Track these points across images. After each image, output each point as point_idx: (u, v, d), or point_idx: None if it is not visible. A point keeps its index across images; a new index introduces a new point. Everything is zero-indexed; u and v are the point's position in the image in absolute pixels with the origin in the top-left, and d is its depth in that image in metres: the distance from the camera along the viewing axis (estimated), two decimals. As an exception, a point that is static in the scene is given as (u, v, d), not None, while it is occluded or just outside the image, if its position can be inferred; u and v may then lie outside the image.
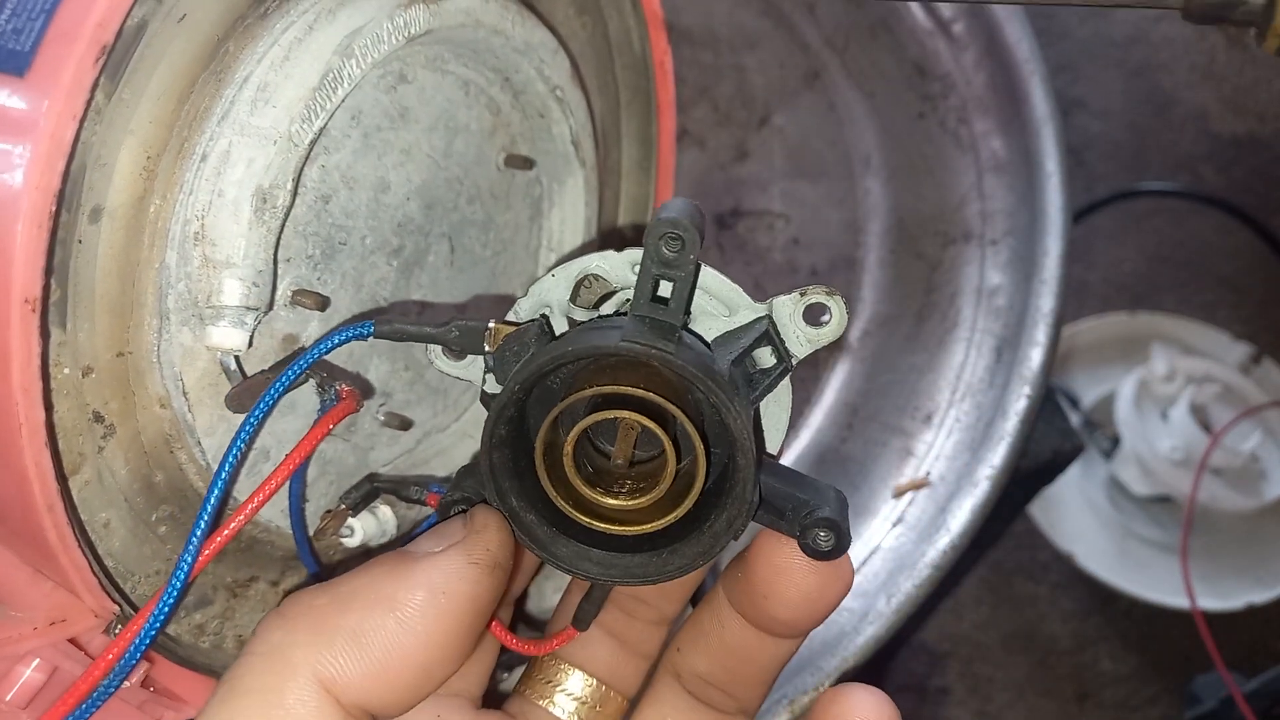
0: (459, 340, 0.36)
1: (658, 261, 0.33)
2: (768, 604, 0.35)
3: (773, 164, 0.93)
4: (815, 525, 0.33)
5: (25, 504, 0.32)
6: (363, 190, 0.43)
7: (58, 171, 0.30)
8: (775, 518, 0.34)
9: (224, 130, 0.36)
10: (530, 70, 0.48)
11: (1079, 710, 1.31)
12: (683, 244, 0.32)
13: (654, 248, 0.33)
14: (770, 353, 0.35)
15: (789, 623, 0.36)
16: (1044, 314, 0.85)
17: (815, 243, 0.95)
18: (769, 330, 0.35)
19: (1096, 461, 1.35)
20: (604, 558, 0.35)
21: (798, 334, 0.35)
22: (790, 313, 0.35)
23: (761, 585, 0.35)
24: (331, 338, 0.37)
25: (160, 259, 0.36)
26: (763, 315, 0.35)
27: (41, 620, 0.36)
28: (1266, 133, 1.47)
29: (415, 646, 0.31)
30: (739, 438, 0.32)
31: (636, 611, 0.40)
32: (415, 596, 0.31)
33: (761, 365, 0.35)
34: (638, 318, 0.33)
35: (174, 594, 0.34)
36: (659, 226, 0.32)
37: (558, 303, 0.36)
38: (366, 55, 0.38)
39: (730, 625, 0.37)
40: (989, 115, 0.90)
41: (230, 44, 0.36)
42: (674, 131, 0.58)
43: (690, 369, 0.31)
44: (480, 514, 0.34)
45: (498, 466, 0.34)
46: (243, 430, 0.36)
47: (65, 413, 0.34)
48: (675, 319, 0.33)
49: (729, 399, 0.31)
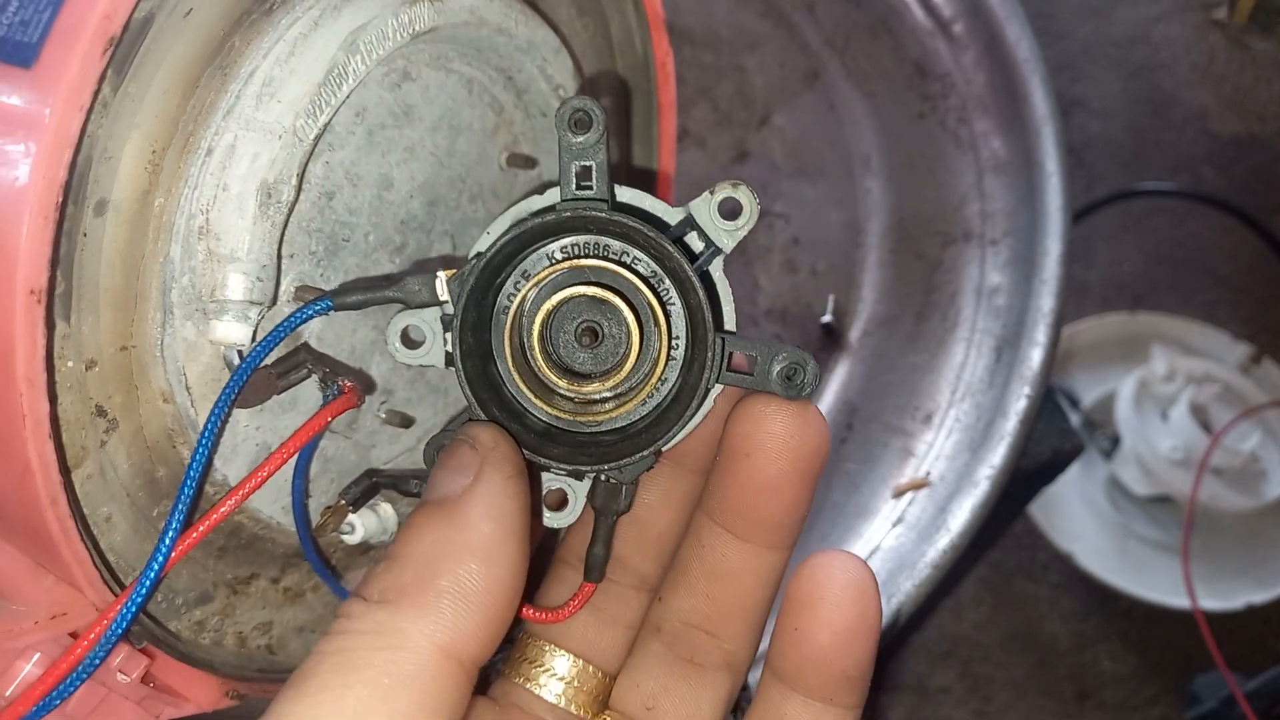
0: (414, 293, 0.36)
1: (570, 145, 0.34)
2: (750, 465, 0.35)
3: (773, 164, 0.94)
4: (782, 365, 0.35)
5: (28, 497, 0.32)
6: (366, 187, 0.43)
7: (64, 164, 0.30)
8: (745, 376, 0.36)
9: (229, 125, 0.36)
10: (533, 69, 0.48)
11: (1079, 710, 1.31)
12: (590, 122, 0.34)
13: (564, 133, 0.34)
14: (698, 237, 0.37)
15: (774, 486, 0.36)
16: (1044, 314, 0.85)
17: (815, 242, 0.95)
18: (688, 220, 0.36)
19: (1096, 461, 1.35)
20: (596, 452, 0.36)
21: (718, 230, 0.37)
22: (707, 212, 0.37)
23: (742, 445, 0.35)
24: (291, 319, 0.37)
25: (165, 253, 0.36)
26: (684, 216, 0.37)
27: (43, 614, 0.36)
28: (1266, 133, 1.47)
29: (504, 577, 0.31)
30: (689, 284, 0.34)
31: (614, 574, 0.39)
32: (484, 530, 0.31)
33: (694, 248, 0.37)
34: (567, 200, 0.35)
35: (153, 572, 0.34)
36: (564, 109, 0.34)
37: None
38: (371, 51, 0.38)
39: (711, 545, 0.37)
40: (989, 115, 0.90)
41: (236, 39, 0.36)
42: (675, 132, 0.59)
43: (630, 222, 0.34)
44: (481, 431, 0.34)
45: (473, 376, 0.35)
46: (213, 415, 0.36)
47: (69, 406, 0.34)
48: (602, 195, 0.35)
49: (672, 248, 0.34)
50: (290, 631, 0.47)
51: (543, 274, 0.34)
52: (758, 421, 0.35)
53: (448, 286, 0.35)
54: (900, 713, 1.29)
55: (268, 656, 0.46)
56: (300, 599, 0.47)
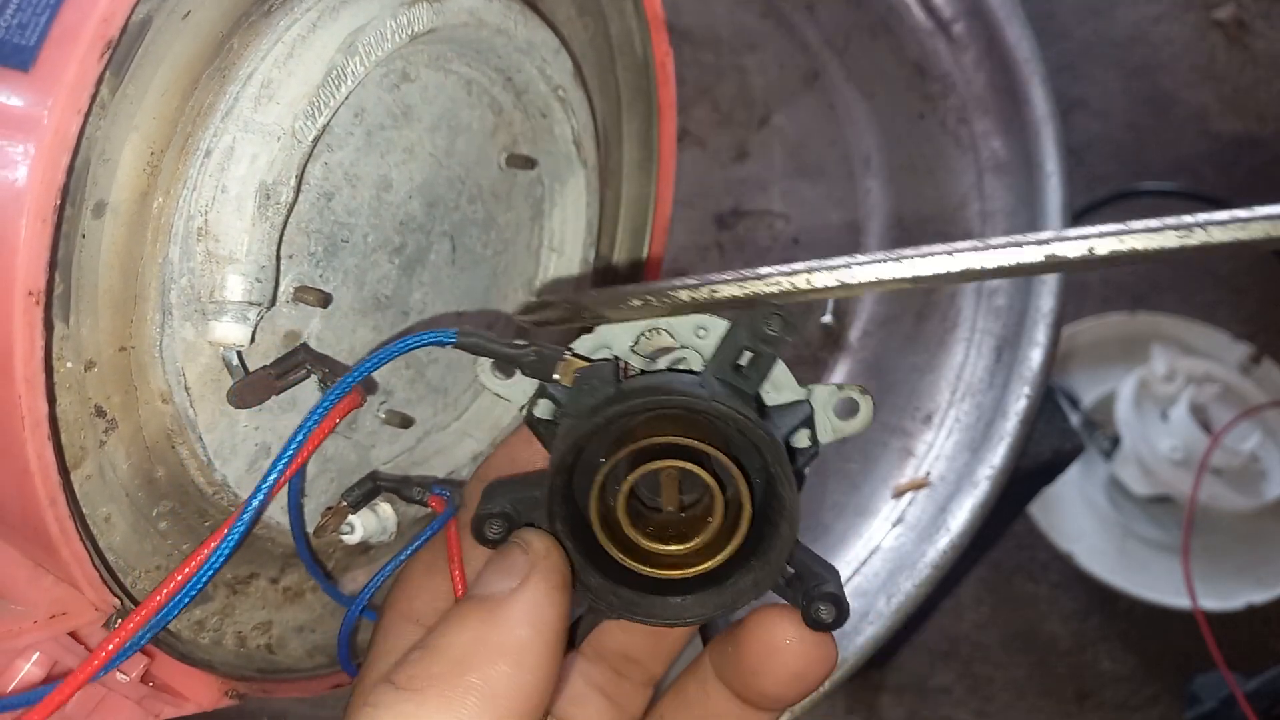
0: (533, 364, 0.37)
1: (752, 334, 0.36)
2: (757, 680, 0.36)
3: (773, 164, 0.94)
4: (820, 599, 0.35)
5: (27, 497, 0.32)
6: (365, 188, 0.43)
7: (62, 166, 0.30)
8: (784, 585, 0.36)
9: (228, 126, 0.36)
10: (532, 70, 0.48)
11: (1079, 710, 1.31)
12: (784, 326, 0.35)
13: (756, 321, 0.35)
14: (807, 436, 0.37)
15: (775, 698, 0.37)
16: (1044, 314, 0.85)
17: (815, 243, 0.95)
18: (810, 415, 0.37)
19: (1096, 461, 1.35)
20: (629, 595, 0.36)
21: (826, 423, 0.37)
22: (824, 402, 0.37)
23: (753, 662, 0.36)
24: (415, 339, 0.37)
25: (163, 254, 0.36)
26: (805, 399, 0.37)
27: (42, 614, 0.36)
28: (1266, 133, 1.47)
29: (534, 683, 0.32)
30: (789, 508, 0.34)
31: (626, 671, 0.41)
32: (522, 635, 0.32)
33: (798, 445, 0.37)
34: (719, 380, 0.36)
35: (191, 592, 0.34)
36: (768, 304, 0.35)
37: (622, 349, 0.38)
38: (370, 53, 0.38)
39: (714, 696, 0.38)
40: (989, 115, 0.90)
41: (234, 40, 0.36)
42: (675, 132, 0.59)
43: (768, 438, 0.34)
44: (536, 540, 0.35)
45: (557, 491, 0.35)
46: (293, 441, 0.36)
47: (67, 406, 0.34)
48: (751, 389, 0.36)
49: (788, 471, 0.34)
50: (290, 631, 0.47)
51: (664, 439, 0.34)
52: (773, 650, 0.36)
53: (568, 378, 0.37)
54: (900, 713, 1.29)
55: (267, 656, 0.46)
56: (300, 598, 0.48)
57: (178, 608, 0.34)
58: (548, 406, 0.38)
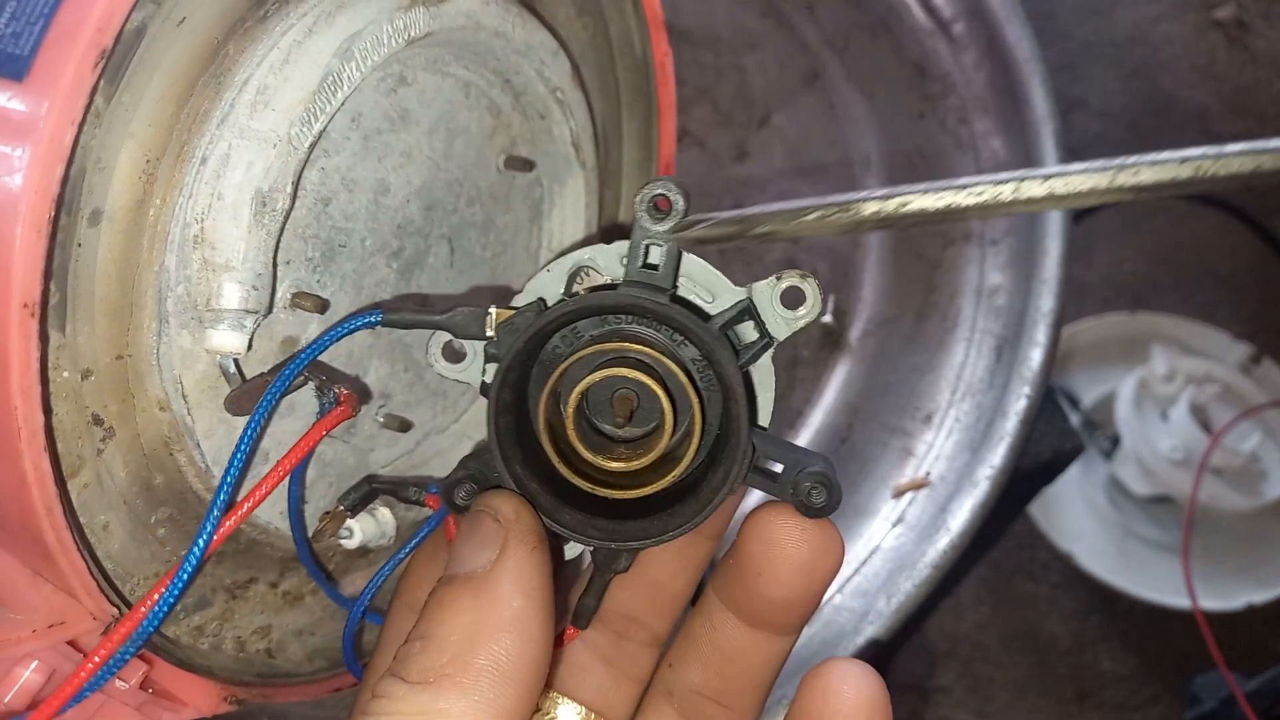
0: (462, 324, 0.37)
1: (645, 227, 0.35)
2: (761, 583, 0.35)
3: (773, 164, 0.93)
4: (807, 480, 0.34)
5: (24, 507, 0.32)
6: (362, 193, 0.43)
7: (57, 176, 0.29)
8: (768, 480, 0.35)
9: (223, 133, 0.36)
10: (531, 72, 0.48)
11: (1079, 710, 1.31)
12: (670, 207, 0.35)
13: (643, 214, 0.35)
14: (753, 327, 0.36)
15: (783, 602, 0.36)
16: (1044, 314, 0.85)
17: (815, 243, 0.95)
18: (748, 307, 0.36)
19: (1096, 461, 1.35)
20: (606, 525, 0.36)
21: (776, 317, 0.36)
22: (768, 297, 0.36)
23: (754, 563, 0.35)
24: (342, 326, 0.37)
25: (160, 262, 0.36)
26: (743, 297, 0.36)
27: (41, 622, 0.36)
28: (1266, 133, 1.46)
29: (536, 650, 0.32)
30: (732, 386, 0.34)
31: (628, 632, 0.40)
32: (515, 605, 0.32)
33: (745, 340, 0.36)
34: (630, 281, 0.35)
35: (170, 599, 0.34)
36: (647, 190, 0.35)
37: (553, 296, 0.38)
38: (366, 58, 0.38)
39: (723, 627, 0.37)
40: (989, 115, 0.90)
41: (230, 47, 0.36)
42: (674, 132, 0.58)
43: (684, 318, 0.34)
44: (504, 502, 0.34)
45: (503, 432, 0.35)
46: (248, 429, 0.36)
47: (64, 415, 0.34)
48: (665, 283, 0.35)
49: (720, 348, 0.34)
50: (289, 635, 0.47)
51: (589, 350, 0.34)
52: (772, 544, 0.35)
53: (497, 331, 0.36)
54: (900, 713, 1.29)
55: (266, 660, 0.46)
56: (299, 602, 0.47)
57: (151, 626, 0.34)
58: (495, 370, 0.37)
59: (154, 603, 0.34)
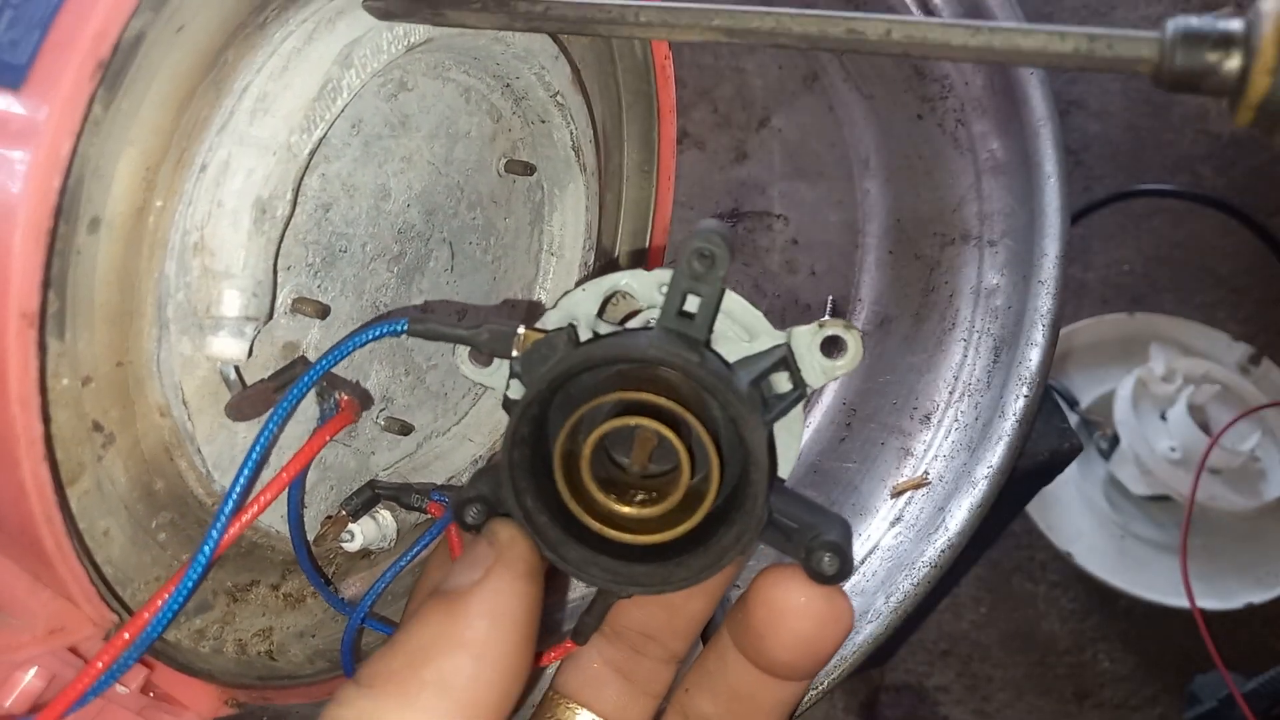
0: (489, 343, 0.36)
1: (688, 276, 0.34)
2: (766, 645, 0.35)
3: (772, 165, 0.93)
4: (820, 548, 0.34)
5: (24, 515, 0.32)
6: (363, 198, 0.43)
7: (55, 185, 0.29)
8: (782, 539, 0.35)
9: (223, 140, 0.36)
10: (531, 76, 0.48)
11: (1078, 710, 1.31)
12: (714, 260, 0.33)
13: (686, 261, 0.34)
14: (787, 378, 0.35)
15: (788, 665, 0.36)
16: (1042, 314, 0.85)
17: (814, 243, 0.95)
18: (787, 357, 0.35)
19: (1095, 461, 1.35)
20: (612, 565, 0.35)
21: (814, 364, 0.35)
22: (808, 343, 0.35)
23: (759, 626, 0.35)
24: (364, 334, 0.37)
25: (159, 269, 0.36)
26: (781, 343, 0.36)
27: (40, 628, 0.36)
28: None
29: (494, 676, 0.31)
30: (754, 451, 0.33)
31: (645, 649, 0.40)
32: (480, 629, 0.31)
33: (777, 390, 0.35)
34: (664, 329, 0.34)
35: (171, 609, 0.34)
36: (693, 241, 0.33)
37: (585, 316, 0.37)
38: (366, 65, 0.38)
39: (734, 667, 0.37)
40: (987, 116, 0.90)
41: (229, 54, 0.36)
42: (675, 135, 0.58)
43: (712, 379, 0.32)
44: (501, 529, 0.34)
45: (517, 464, 0.34)
46: (260, 439, 0.36)
47: (64, 422, 0.34)
48: (700, 333, 0.34)
49: (748, 412, 0.32)
50: (291, 637, 0.47)
51: (613, 396, 0.33)
52: (778, 614, 0.34)
53: (524, 352, 0.36)
54: (899, 712, 1.30)
55: (268, 663, 0.46)
56: (300, 604, 0.48)
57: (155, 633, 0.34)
58: (520, 387, 0.37)
59: (157, 609, 0.34)
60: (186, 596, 0.35)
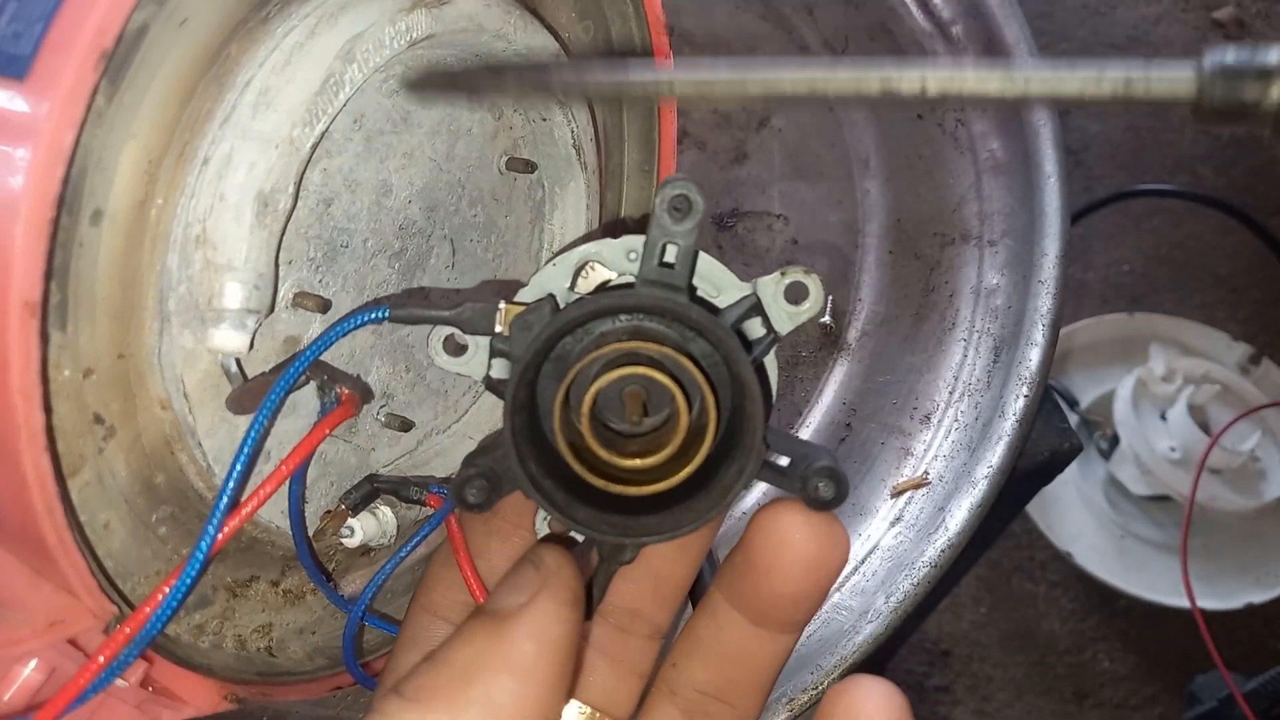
0: (471, 320, 0.37)
1: (664, 227, 0.35)
2: (770, 579, 0.36)
3: (772, 165, 0.94)
4: (815, 475, 0.35)
5: (24, 507, 0.32)
6: (365, 193, 0.43)
7: (58, 176, 0.30)
8: (776, 475, 0.36)
9: (226, 134, 0.36)
10: (531, 73, 0.48)
11: (1078, 709, 1.31)
12: (689, 207, 0.34)
13: (661, 213, 0.35)
14: (760, 323, 0.37)
15: (793, 598, 0.36)
16: (1042, 314, 0.85)
17: (814, 243, 0.95)
18: (756, 304, 0.37)
19: (1095, 461, 1.35)
20: (621, 520, 0.36)
21: (780, 311, 0.37)
22: (772, 292, 0.37)
23: (763, 560, 0.36)
24: (347, 322, 0.37)
25: (161, 262, 0.36)
26: (750, 293, 0.37)
27: (41, 621, 0.36)
28: (1265, 133, 1.47)
29: (538, 698, 0.32)
30: (748, 385, 0.34)
31: (630, 626, 0.40)
32: (526, 651, 0.32)
33: (753, 335, 0.37)
34: (647, 280, 0.35)
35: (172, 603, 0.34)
36: (667, 189, 0.34)
37: (559, 290, 0.38)
38: (368, 59, 0.38)
39: (728, 627, 0.38)
40: (987, 116, 0.90)
41: (232, 47, 0.36)
42: (675, 134, 0.59)
43: (702, 319, 0.34)
44: (548, 554, 0.35)
45: (519, 430, 0.35)
46: (252, 430, 0.36)
47: (65, 414, 0.34)
48: (682, 281, 0.35)
49: (735, 344, 0.34)
50: (290, 633, 0.47)
51: (605, 350, 0.35)
52: (780, 543, 0.36)
53: (508, 327, 0.36)
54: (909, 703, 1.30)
55: (267, 659, 0.46)
56: (300, 601, 0.48)
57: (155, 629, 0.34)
58: (502, 364, 0.37)
59: (158, 604, 0.34)
60: (187, 590, 0.35)
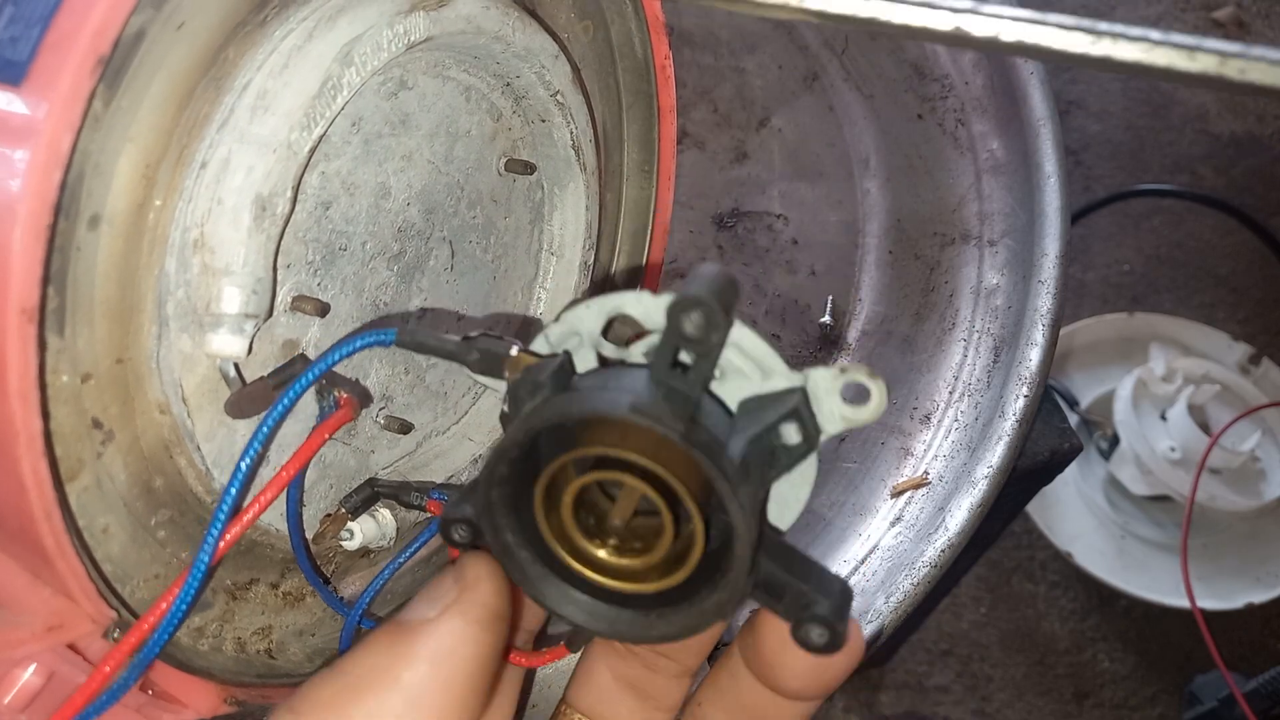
0: (479, 363, 0.35)
1: (678, 336, 0.30)
2: (775, 674, 0.35)
3: (772, 165, 0.93)
4: (809, 621, 0.32)
5: (23, 512, 0.32)
6: (363, 196, 0.43)
7: (55, 181, 0.29)
8: (774, 599, 0.33)
9: (223, 138, 0.36)
10: (531, 75, 0.48)
11: (1078, 710, 1.31)
12: (707, 323, 0.30)
13: (674, 323, 0.30)
14: (796, 430, 0.32)
15: (796, 692, 0.36)
16: (1042, 314, 0.85)
17: (814, 243, 0.95)
18: (799, 407, 0.32)
19: (1095, 461, 1.35)
20: (591, 606, 0.34)
21: (832, 410, 0.32)
22: (827, 387, 0.32)
23: (769, 655, 0.35)
24: (353, 342, 0.36)
25: (159, 266, 0.36)
26: (796, 387, 0.32)
27: (40, 625, 0.36)
28: (1265, 133, 1.47)
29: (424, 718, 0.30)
30: (739, 530, 0.30)
31: (657, 665, 0.39)
32: (419, 671, 0.30)
33: (786, 441, 0.32)
34: (654, 383, 0.31)
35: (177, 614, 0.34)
36: (680, 304, 0.30)
37: (588, 335, 0.35)
38: (366, 63, 0.38)
39: (746, 684, 0.37)
40: (987, 116, 0.90)
41: (230, 51, 0.36)
42: (675, 135, 0.59)
43: (696, 452, 0.29)
44: (470, 566, 0.33)
45: (496, 504, 0.33)
46: (251, 445, 0.36)
47: (63, 419, 0.34)
48: (693, 391, 0.31)
49: (734, 490, 0.29)
50: (290, 636, 0.47)
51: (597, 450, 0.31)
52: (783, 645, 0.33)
53: (512, 383, 0.34)
54: (899, 711, 1.30)
55: (267, 661, 0.46)
56: (300, 603, 0.48)
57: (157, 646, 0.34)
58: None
59: (161, 616, 0.34)
60: (191, 601, 0.35)
